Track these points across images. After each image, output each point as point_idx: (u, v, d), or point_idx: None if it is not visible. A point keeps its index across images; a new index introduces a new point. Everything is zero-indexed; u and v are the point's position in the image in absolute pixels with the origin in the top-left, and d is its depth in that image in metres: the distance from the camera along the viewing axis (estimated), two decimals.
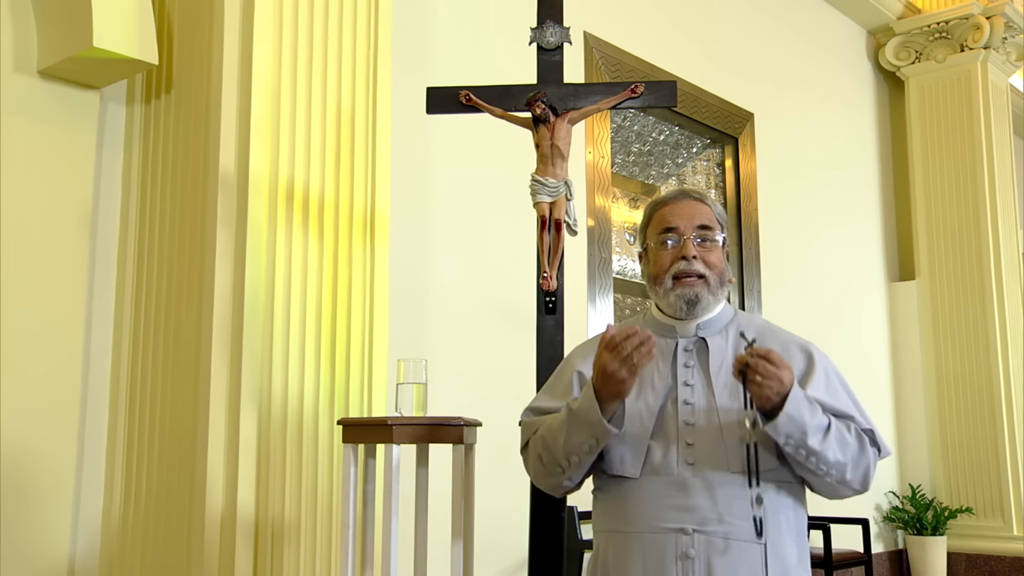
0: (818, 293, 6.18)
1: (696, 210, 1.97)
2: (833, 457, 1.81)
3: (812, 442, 1.78)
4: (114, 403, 3.06)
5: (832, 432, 1.81)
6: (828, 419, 1.83)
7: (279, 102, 2.93)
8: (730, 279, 2.01)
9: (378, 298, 3.10)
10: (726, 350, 1.93)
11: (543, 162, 2.68)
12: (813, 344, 2.00)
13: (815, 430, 1.78)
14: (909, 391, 6.77)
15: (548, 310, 2.69)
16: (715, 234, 1.95)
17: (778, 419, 1.76)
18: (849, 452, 1.84)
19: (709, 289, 1.93)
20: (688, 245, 1.93)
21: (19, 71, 2.91)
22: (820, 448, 1.79)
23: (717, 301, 1.97)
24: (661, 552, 1.82)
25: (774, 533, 1.83)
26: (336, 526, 2.86)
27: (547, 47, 2.80)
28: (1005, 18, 6.67)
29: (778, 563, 1.82)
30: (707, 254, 1.94)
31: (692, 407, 1.88)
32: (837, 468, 1.83)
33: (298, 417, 2.83)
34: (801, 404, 1.78)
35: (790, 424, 1.76)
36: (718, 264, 1.95)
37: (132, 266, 3.11)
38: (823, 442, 1.79)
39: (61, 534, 2.86)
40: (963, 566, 6.43)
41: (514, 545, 3.88)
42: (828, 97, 6.58)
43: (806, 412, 1.77)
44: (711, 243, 1.95)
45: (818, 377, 1.91)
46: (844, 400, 1.93)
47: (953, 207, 6.70)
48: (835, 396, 1.92)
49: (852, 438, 1.86)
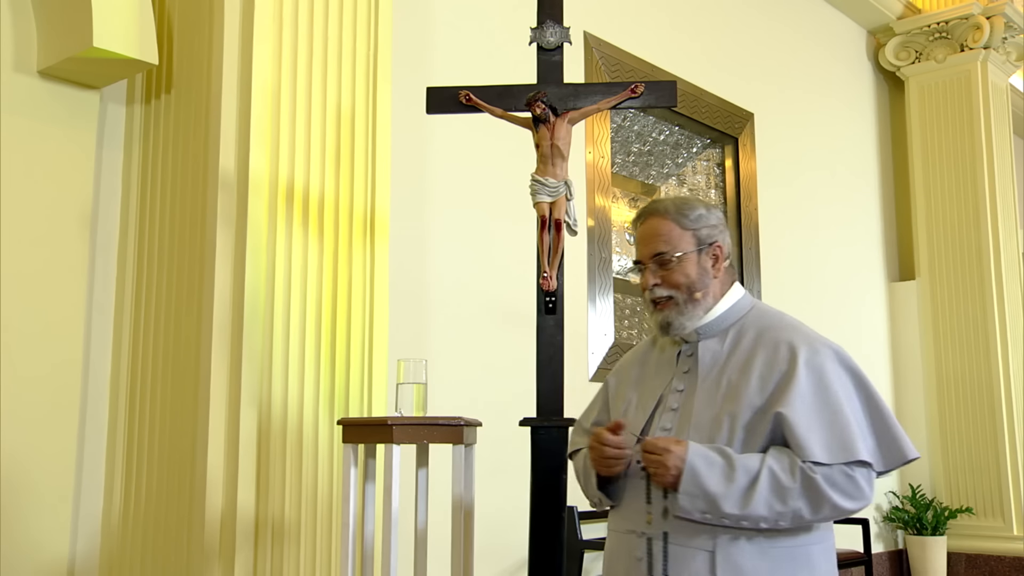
0: (818, 293, 6.18)
1: (654, 232, 1.98)
2: (768, 512, 1.74)
3: (728, 508, 1.75)
4: (114, 403, 3.06)
5: (761, 486, 1.74)
6: (756, 472, 1.75)
7: (279, 102, 2.93)
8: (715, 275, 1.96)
9: (378, 298, 3.10)
10: (720, 354, 1.93)
11: (543, 162, 2.68)
12: (822, 345, 1.88)
13: (732, 495, 1.74)
14: (909, 391, 6.77)
15: (548, 310, 2.70)
16: (671, 255, 1.95)
17: (678, 500, 1.78)
18: (792, 498, 1.74)
19: (679, 308, 1.94)
20: (646, 276, 1.98)
21: (19, 71, 2.91)
22: (743, 511, 1.74)
23: (696, 311, 1.95)
24: (626, 552, 1.91)
25: (728, 541, 1.79)
26: (336, 526, 2.86)
27: (547, 47, 2.80)
28: (1005, 18, 6.67)
29: (731, 572, 1.78)
30: (669, 275, 1.95)
31: (675, 412, 1.92)
32: (784, 518, 1.75)
33: (298, 417, 2.83)
34: (701, 478, 1.75)
35: (692, 501, 1.77)
36: (682, 281, 1.94)
37: (132, 266, 3.11)
38: (746, 503, 1.74)
39: (61, 534, 2.86)
40: (963, 566, 6.43)
41: (514, 545, 3.88)
42: (828, 97, 6.58)
43: (711, 483, 1.75)
44: (671, 264, 1.95)
45: (795, 391, 1.80)
46: (825, 419, 1.78)
47: (953, 207, 6.70)
48: (812, 414, 1.78)
49: (794, 482, 1.74)
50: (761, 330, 1.93)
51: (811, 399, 1.80)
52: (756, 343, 1.90)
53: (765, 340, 1.90)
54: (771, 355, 1.86)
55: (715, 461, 1.77)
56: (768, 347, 1.87)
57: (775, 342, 1.88)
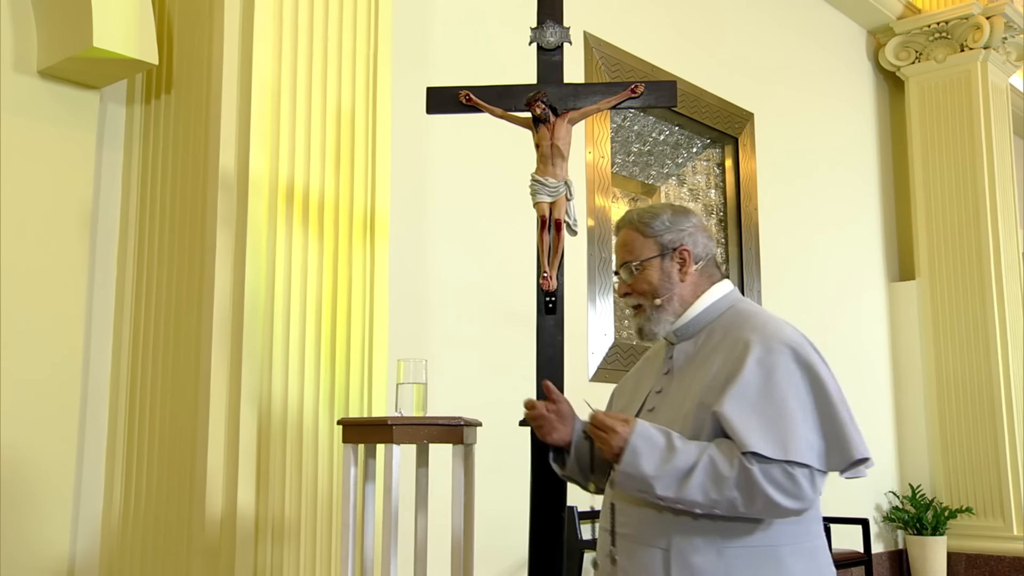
0: (818, 293, 6.18)
1: (621, 242, 2.06)
2: (703, 498, 1.76)
3: (661, 491, 1.77)
4: (114, 403, 3.06)
5: (698, 472, 1.76)
6: (695, 458, 1.77)
7: (279, 102, 2.93)
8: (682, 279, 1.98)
9: (378, 298, 3.10)
10: (692, 355, 1.95)
11: (543, 162, 2.68)
12: (780, 343, 1.84)
13: (667, 478, 1.77)
14: (909, 391, 6.77)
15: (548, 310, 2.69)
16: (633, 263, 2.01)
17: (615, 476, 1.83)
18: (728, 487, 1.74)
19: (646, 315, 2.01)
20: (619, 286, 2.07)
21: (19, 71, 2.91)
22: (677, 495, 1.77)
23: (663, 316, 1.99)
24: (602, 549, 1.98)
25: (682, 540, 1.81)
26: (336, 526, 2.86)
27: (547, 47, 2.79)
28: (1005, 18, 6.67)
29: (687, 572, 1.80)
30: (636, 283, 2.02)
31: (652, 413, 1.95)
32: (718, 505, 1.76)
33: (298, 417, 2.83)
34: (640, 459, 1.79)
35: (628, 480, 1.81)
36: (646, 288, 2.00)
37: (132, 266, 3.11)
38: (681, 487, 1.76)
39: (61, 534, 2.86)
40: (963, 566, 6.43)
41: (514, 545, 3.88)
42: (828, 97, 6.58)
43: (648, 465, 1.78)
44: (636, 272, 2.02)
45: (737, 389, 1.79)
46: (767, 416, 1.77)
47: (953, 207, 6.70)
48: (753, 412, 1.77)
49: (731, 471, 1.74)
50: (728, 330, 1.93)
51: (755, 397, 1.79)
52: (720, 343, 1.91)
53: (727, 339, 1.90)
54: (728, 354, 1.87)
55: (657, 444, 1.80)
56: (727, 346, 1.88)
57: (735, 341, 1.88)
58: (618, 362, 4.72)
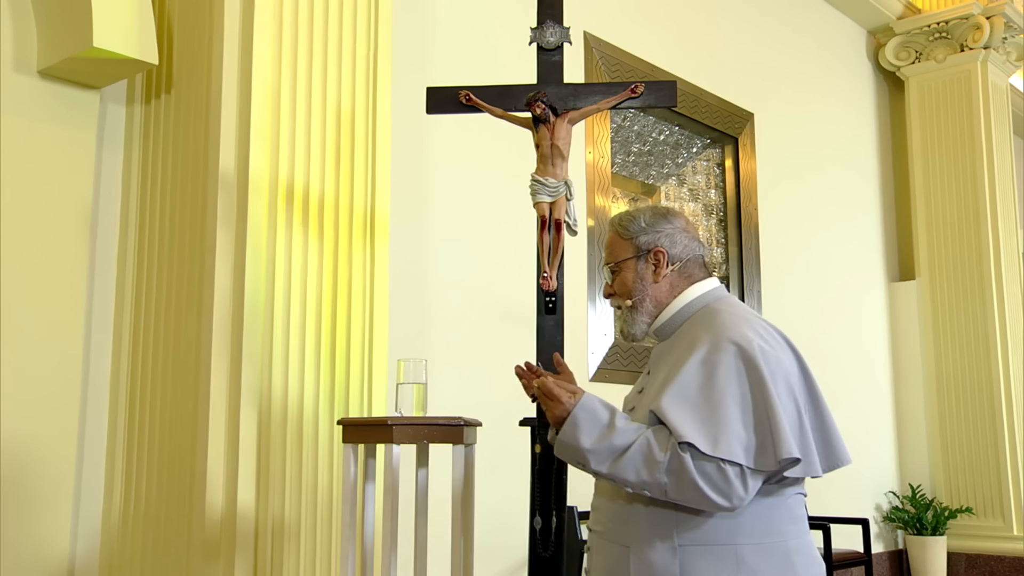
0: (818, 293, 6.18)
1: (605, 245, 2.14)
2: (635, 478, 1.79)
3: (596, 465, 1.82)
4: (114, 403, 3.06)
5: (632, 451, 1.79)
6: (632, 438, 1.80)
7: (279, 102, 2.93)
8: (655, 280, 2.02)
9: (378, 298, 3.10)
10: (667, 355, 1.96)
11: (543, 162, 2.68)
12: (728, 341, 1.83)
13: (601, 453, 1.81)
14: (909, 391, 6.77)
15: (548, 310, 2.69)
16: (611, 265, 2.08)
17: (555, 444, 1.89)
18: (659, 472, 1.76)
19: (624, 316, 2.07)
20: (604, 287, 2.13)
21: (19, 71, 2.91)
22: (610, 472, 1.81)
23: (639, 317, 2.03)
24: (591, 547, 2.03)
25: (642, 538, 1.84)
26: (336, 526, 2.86)
27: (547, 47, 2.79)
28: (1005, 18, 6.67)
29: (644, 569, 1.83)
30: (616, 284, 2.08)
31: (633, 411, 1.99)
32: (649, 488, 1.78)
33: (298, 417, 2.83)
34: (578, 431, 1.83)
35: (565, 449, 1.87)
36: (622, 290, 2.06)
37: (132, 266, 3.11)
38: (615, 464, 1.80)
39: (61, 534, 2.86)
40: (963, 566, 6.43)
41: (514, 545, 3.88)
42: (828, 97, 6.58)
43: (585, 438, 1.82)
44: (615, 274, 2.08)
45: (674, 385, 1.82)
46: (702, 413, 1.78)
47: (953, 207, 6.70)
48: (688, 407, 1.78)
49: (664, 456, 1.76)
50: (692, 328, 1.95)
51: (693, 394, 1.80)
52: (682, 341, 1.93)
53: (687, 338, 1.92)
54: (680, 353, 1.88)
55: (598, 419, 1.84)
56: (683, 345, 1.90)
57: (691, 340, 1.90)
58: (618, 362, 4.71)
